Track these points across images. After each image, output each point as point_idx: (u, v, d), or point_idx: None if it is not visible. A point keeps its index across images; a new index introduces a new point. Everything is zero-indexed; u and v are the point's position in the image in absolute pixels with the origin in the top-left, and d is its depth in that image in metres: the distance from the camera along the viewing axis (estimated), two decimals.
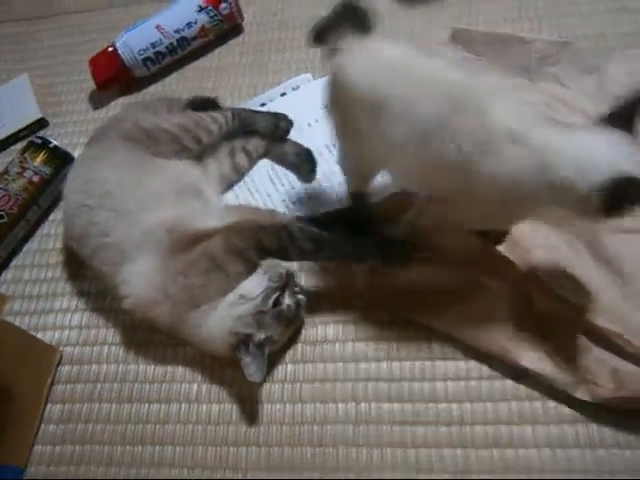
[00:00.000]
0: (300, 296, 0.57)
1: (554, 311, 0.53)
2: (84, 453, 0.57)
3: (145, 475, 0.55)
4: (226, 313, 0.54)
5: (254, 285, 0.54)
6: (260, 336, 0.53)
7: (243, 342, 0.53)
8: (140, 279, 0.55)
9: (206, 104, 0.73)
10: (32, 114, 0.82)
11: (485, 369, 0.54)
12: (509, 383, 0.53)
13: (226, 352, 0.53)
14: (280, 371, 0.57)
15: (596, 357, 0.51)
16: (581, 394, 0.50)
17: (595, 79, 0.66)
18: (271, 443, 0.54)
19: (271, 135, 0.70)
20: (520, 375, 0.52)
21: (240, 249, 0.54)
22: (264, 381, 0.55)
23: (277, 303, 0.55)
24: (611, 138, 0.41)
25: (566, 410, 0.51)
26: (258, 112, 0.72)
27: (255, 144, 0.70)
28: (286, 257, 0.56)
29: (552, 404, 0.51)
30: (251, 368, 0.52)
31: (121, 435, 0.57)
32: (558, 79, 0.68)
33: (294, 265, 0.60)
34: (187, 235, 0.56)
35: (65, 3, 0.97)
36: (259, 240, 0.55)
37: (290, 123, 0.71)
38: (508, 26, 0.74)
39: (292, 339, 0.58)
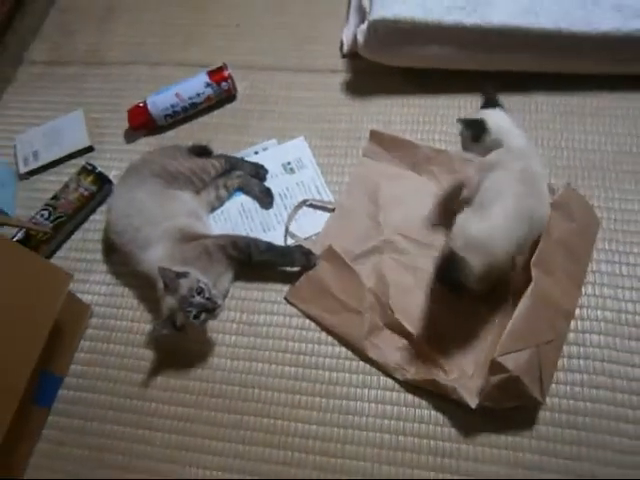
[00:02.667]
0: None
1: (395, 325, 0.88)
2: (107, 373, 0.93)
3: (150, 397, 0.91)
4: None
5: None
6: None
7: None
8: (156, 257, 0.89)
9: (202, 150, 1.10)
10: (83, 142, 1.17)
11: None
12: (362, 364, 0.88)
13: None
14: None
15: (407, 353, 0.86)
16: (398, 375, 0.86)
17: (449, 179, 0.99)
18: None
19: (255, 176, 1.07)
20: (366, 360, 0.88)
21: (223, 246, 0.91)
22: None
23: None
24: None
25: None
26: (244, 160, 1.09)
27: (232, 182, 1.06)
28: (248, 256, 0.92)
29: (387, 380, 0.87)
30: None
31: (127, 363, 0.94)
32: (435, 175, 1.02)
33: None
34: (190, 234, 0.93)
35: (111, 54, 1.31)
36: (235, 242, 0.92)
37: (266, 171, 1.08)
38: (413, 132, 1.09)
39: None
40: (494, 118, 0.87)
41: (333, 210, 1.02)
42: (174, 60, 1.27)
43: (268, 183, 1.07)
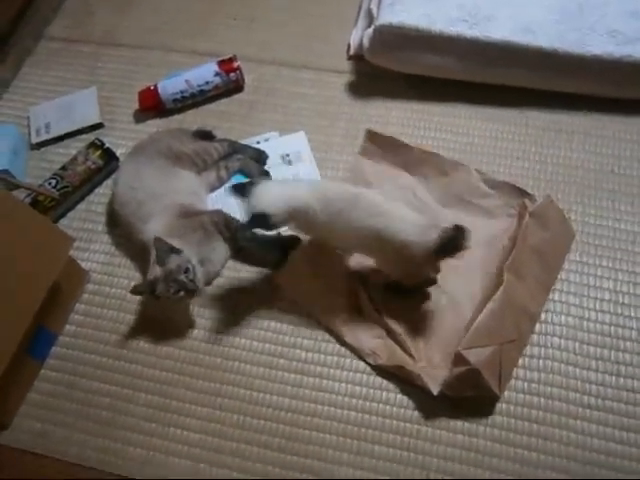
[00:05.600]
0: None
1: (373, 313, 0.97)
2: (98, 336, 1.04)
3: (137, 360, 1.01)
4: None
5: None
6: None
7: None
8: (156, 229, 0.99)
9: (206, 135, 1.20)
10: (94, 118, 1.27)
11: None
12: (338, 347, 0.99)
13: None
14: None
15: (382, 341, 0.96)
16: (370, 360, 0.95)
17: (439, 180, 1.10)
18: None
19: (256, 160, 1.17)
20: (344, 344, 0.97)
21: (217, 222, 1.02)
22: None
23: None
24: None
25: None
26: (247, 145, 1.19)
27: (232, 164, 1.16)
28: (234, 235, 1.02)
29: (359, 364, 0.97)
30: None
31: (118, 328, 1.04)
32: (425, 176, 1.11)
33: None
34: (190, 211, 1.04)
35: (127, 37, 1.42)
36: (227, 221, 1.03)
37: (267, 156, 1.17)
38: (409, 135, 1.18)
39: None
40: (269, 199, 0.88)
41: None
42: (186, 48, 1.38)
43: None
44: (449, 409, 0.90)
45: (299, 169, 1.18)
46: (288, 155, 1.20)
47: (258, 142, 1.22)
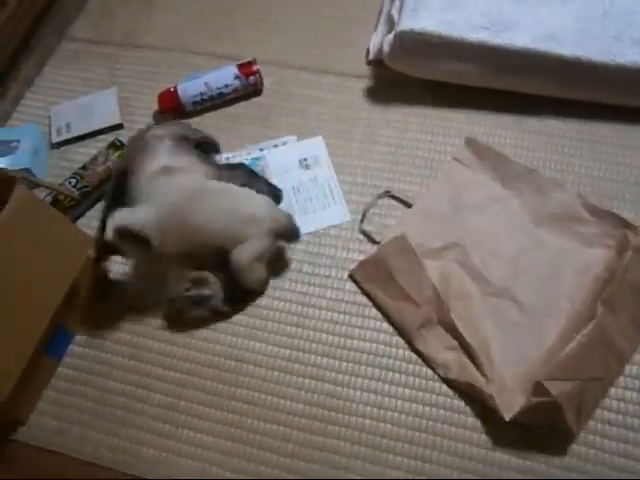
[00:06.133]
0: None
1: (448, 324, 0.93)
2: (115, 336, 1.05)
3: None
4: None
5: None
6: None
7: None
8: None
9: (210, 147, 1.10)
10: (114, 118, 1.28)
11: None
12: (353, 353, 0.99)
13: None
14: None
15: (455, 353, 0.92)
16: (440, 371, 0.92)
17: (536, 199, 1.06)
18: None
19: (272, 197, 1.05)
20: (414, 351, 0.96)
21: None
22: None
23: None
24: None
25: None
26: (262, 179, 1.11)
27: None
28: None
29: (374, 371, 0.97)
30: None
31: (137, 332, 1.05)
32: (521, 192, 1.07)
33: None
34: None
35: (147, 38, 1.43)
36: None
37: (282, 196, 1.09)
38: (427, 141, 1.19)
39: None
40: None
41: (411, 206, 1.10)
42: (206, 50, 1.39)
43: (283, 177, 1.18)
44: (519, 435, 0.87)
45: (317, 173, 1.19)
46: (306, 159, 1.20)
47: (276, 145, 1.23)
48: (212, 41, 1.41)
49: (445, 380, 0.93)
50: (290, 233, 1.04)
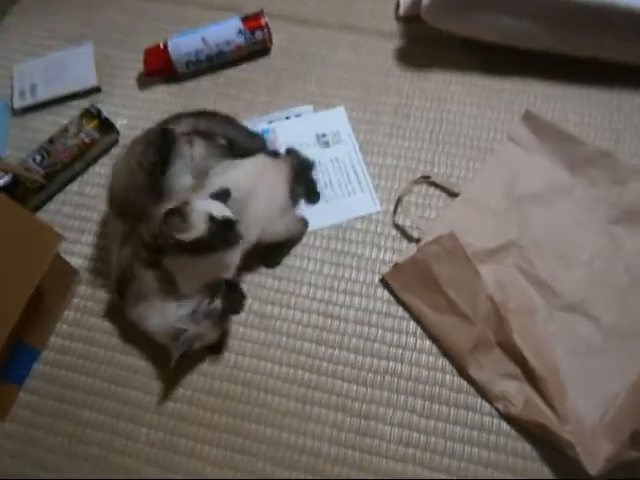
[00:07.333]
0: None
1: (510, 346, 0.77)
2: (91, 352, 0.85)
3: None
4: (171, 310, 0.76)
5: None
6: (192, 332, 0.75)
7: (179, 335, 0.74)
8: None
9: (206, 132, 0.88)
10: (90, 81, 1.06)
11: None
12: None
13: (165, 341, 0.77)
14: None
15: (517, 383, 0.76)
16: (499, 406, 0.76)
17: (610, 189, 0.87)
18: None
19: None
20: (465, 377, 0.79)
21: None
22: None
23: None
24: None
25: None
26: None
27: None
28: None
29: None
30: (177, 355, 0.74)
31: (116, 343, 0.86)
32: (593, 181, 0.89)
33: None
34: None
35: None
36: None
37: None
38: (471, 116, 0.99)
39: None
40: None
41: (456, 195, 0.91)
42: (201, 0, 1.17)
43: None
44: None
45: (338, 152, 0.99)
46: (324, 135, 1.00)
47: (288, 117, 1.02)
48: None
49: (505, 416, 0.76)
50: (303, 165, 0.93)
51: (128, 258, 0.78)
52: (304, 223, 0.92)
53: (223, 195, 0.77)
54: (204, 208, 0.73)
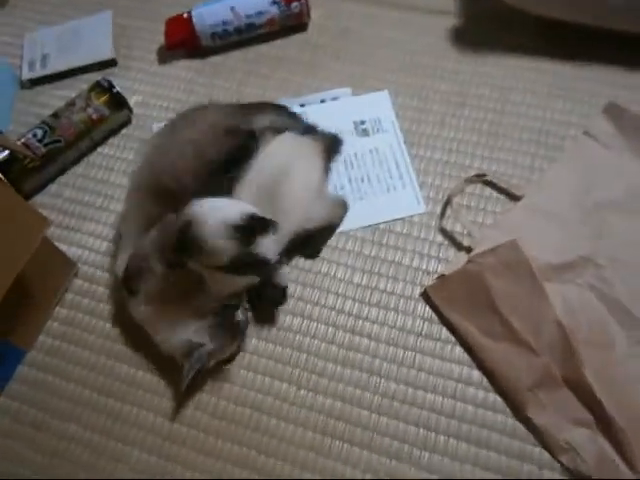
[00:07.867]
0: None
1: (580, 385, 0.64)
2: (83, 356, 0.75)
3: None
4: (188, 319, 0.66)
5: None
6: (209, 347, 0.65)
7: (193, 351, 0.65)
8: None
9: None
10: (106, 53, 0.97)
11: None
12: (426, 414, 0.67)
13: (176, 355, 0.67)
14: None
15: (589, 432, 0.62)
16: (564, 460, 0.62)
17: None
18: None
19: None
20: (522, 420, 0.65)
21: None
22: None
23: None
24: None
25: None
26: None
27: None
28: None
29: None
30: (190, 374, 0.64)
31: (113, 348, 0.76)
32: None
33: None
34: None
35: None
36: None
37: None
38: (539, 107, 0.85)
39: None
40: None
41: (518, 198, 0.78)
42: None
43: None
44: None
45: (378, 143, 0.86)
46: (363, 122, 0.88)
47: (323, 100, 0.90)
48: None
49: (573, 473, 0.62)
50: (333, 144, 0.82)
51: (150, 247, 0.67)
52: (344, 204, 0.80)
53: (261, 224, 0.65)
54: (218, 217, 0.62)
